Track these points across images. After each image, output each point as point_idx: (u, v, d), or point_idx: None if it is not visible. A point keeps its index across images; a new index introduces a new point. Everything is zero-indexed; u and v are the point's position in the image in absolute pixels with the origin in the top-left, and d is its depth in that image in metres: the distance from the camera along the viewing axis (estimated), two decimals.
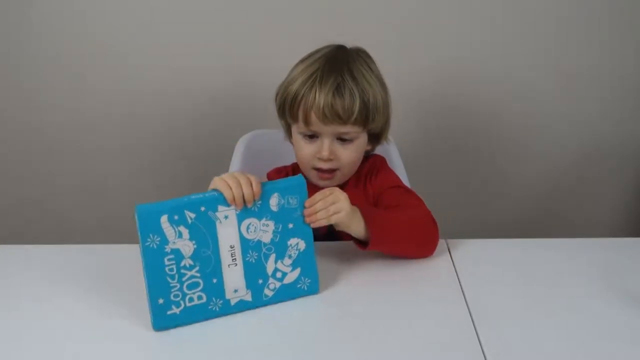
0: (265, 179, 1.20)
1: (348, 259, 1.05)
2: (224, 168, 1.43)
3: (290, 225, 0.93)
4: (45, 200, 1.99)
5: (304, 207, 0.93)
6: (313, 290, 0.94)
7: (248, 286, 0.90)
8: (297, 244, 0.93)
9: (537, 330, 0.87)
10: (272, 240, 0.92)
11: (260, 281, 0.90)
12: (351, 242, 1.08)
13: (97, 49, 1.78)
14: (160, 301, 0.85)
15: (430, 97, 1.85)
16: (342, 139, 1.08)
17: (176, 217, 0.85)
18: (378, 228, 0.98)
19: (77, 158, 1.93)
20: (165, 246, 0.85)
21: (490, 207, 2.02)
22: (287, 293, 0.92)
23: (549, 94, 1.85)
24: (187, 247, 0.87)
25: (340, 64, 1.06)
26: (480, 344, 0.83)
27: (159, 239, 0.85)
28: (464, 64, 1.81)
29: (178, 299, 0.86)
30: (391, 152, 1.43)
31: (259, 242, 0.91)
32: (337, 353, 0.83)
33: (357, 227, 0.98)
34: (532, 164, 1.95)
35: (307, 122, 1.06)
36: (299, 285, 0.93)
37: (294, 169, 1.21)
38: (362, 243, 1.00)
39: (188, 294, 0.86)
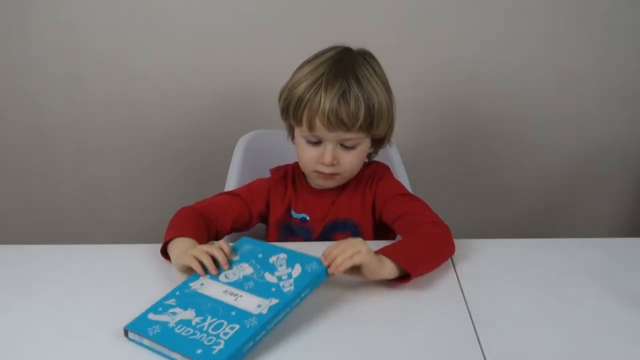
0: (268, 175, 1.22)
1: None
2: (224, 168, 1.43)
3: (260, 255, 0.96)
4: (45, 200, 1.99)
5: (319, 259, 0.92)
6: (322, 272, 0.91)
7: (266, 297, 0.88)
8: (278, 258, 0.94)
9: (537, 330, 0.87)
10: (255, 269, 0.94)
11: (274, 289, 0.89)
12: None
13: (98, 50, 1.78)
14: (199, 351, 0.80)
15: (429, 97, 1.85)
16: (345, 145, 1.08)
17: (160, 309, 0.88)
18: (411, 261, 0.95)
19: (78, 158, 1.93)
20: (168, 324, 0.85)
21: (490, 207, 2.02)
22: (305, 279, 0.89)
23: (549, 95, 1.85)
24: (188, 314, 0.87)
25: (345, 69, 1.05)
26: (480, 344, 0.83)
27: (158, 326, 0.85)
28: (464, 64, 1.81)
29: (212, 342, 0.81)
30: (391, 152, 1.43)
31: (245, 276, 0.93)
32: (337, 352, 0.83)
33: (386, 269, 0.94)
34: (532, 164, 1.95)
35: (311, 127, 1.05)
36: (309, 270, 0.91)
37: (294, 169, 1.21)
38: (397, 279, 0.96)
39: (220, 332, 0.83)
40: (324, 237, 1.17)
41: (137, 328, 0.85)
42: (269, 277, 0.91)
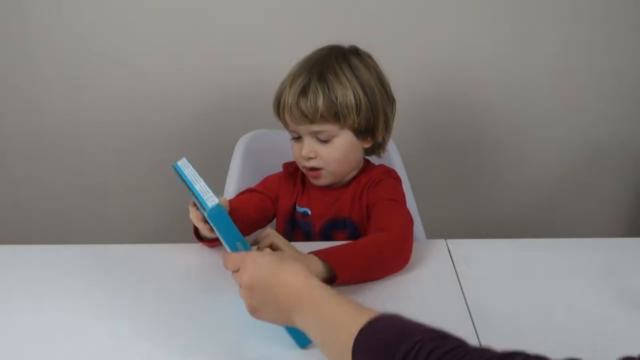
0: (277, 170, 1.24)
1: None
2: (224, 168, 1.43)
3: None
4: (45, 200, 1.99)
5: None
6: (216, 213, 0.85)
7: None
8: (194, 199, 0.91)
9: (537, 330, 0.87)
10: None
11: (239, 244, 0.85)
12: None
13: (97, 50, 1.78)
14: None
15: (429, 97, 1.85)
16: (320, 139, 1.10)
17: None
18: (341, 265, 0.93)
19: (77, 158, 1.93)
20: None
21: (490, 207, 2.02)
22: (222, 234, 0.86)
23: (548, 95, 1.85)
24: None
25: (313, 65, 1.09)
26: (481, 344, 0.83)
27: None
28: (463, 64, 1.81)
29: None
30: (391, 152, 1.43)
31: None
32: None
33: (312, 268, 0.91)
34: (532, 163, 1.95)
35: (285, 123, 1.11)
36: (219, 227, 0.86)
37: None
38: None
39: None
40: (324, 233, 1.18)
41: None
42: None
